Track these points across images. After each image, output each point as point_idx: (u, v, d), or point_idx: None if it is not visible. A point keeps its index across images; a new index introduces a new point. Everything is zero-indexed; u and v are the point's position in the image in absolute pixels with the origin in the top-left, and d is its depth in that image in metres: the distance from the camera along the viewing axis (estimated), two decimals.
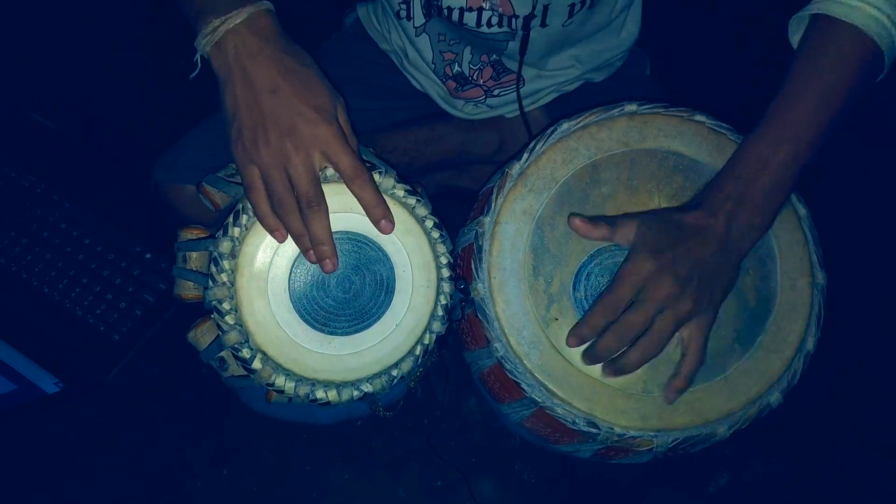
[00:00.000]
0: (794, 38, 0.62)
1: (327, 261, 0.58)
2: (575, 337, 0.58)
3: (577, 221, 0.59)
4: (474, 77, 0.82)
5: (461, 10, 0.71)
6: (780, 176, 0.56)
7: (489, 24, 0.72)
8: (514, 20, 0.72)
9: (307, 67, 0.58)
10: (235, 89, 0.56)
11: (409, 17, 0.77)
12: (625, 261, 0.57)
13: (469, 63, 0.80)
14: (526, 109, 0.88)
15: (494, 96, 0.85)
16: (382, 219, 0.59)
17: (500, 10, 0.70)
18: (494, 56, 0.79)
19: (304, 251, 0.58)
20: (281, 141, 0.55)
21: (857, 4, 0.56)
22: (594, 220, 0.59)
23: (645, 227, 0.57)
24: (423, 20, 0.76)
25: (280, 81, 0.56)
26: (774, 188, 0.57)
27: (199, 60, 0.59)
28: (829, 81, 0.56)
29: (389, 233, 0.60)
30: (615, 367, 0.57)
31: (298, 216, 0.56)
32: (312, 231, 0.57)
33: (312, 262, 0.59)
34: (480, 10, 0.71)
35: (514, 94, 0.84)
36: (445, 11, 0.72)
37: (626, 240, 0.58)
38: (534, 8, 0.69)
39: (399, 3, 0.75)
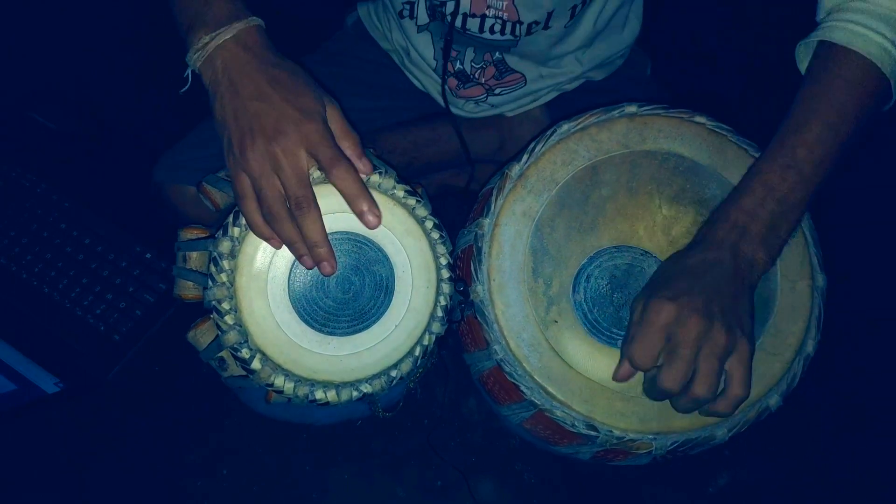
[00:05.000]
0: (803, 66, 0.61)
1: (325, 263, 0.57)
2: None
3: (620, 374, 0.57)
4: (476, 75, 0.82)
5: (464, 16, 0.71)
6: (785, 205, 0.55)
7: (492, 31, 0.72)
8: (518, 26, 0.71)
9: (296, 77, 0.57)
10: (223, 100, 0.56)
11: (412, 17, 0.76)
12: (643, 311, 0.54)
13: (471, 61, 0.80)
14: (526, 108, 0.88)
15: (496, 95, 0.85)
16: (366, 212, 0.57)
17: (504, 16, 0.70)
18: (498, 55, 0.78)
19: (298, 258, 0.57)
20: (268, 145, 0.54)
21: (860, 31, 0.55)
22: (620, 364, 0.56)
23: (656, 294, 0.54)
24: (427, 20, 0.76)
25: (266, 88, 0.55)
26: (779, 218, 0.55)
27: (189, 76, 0.59)
28: (834, 108, 0.55)
29: (375, 227, 0.58)
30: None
31: (290, 223, 0.56)
32: (306, 233, 0.56)
33: (309, 268, 0.58)
34: (484, 16, 0.71)
35: (516, 92, 0.84)
36: (448, 17, 0.72)
37: (659, 320, 0.53)
38: (539, 15, 0.69)
39: (403, 3, 0.75)
